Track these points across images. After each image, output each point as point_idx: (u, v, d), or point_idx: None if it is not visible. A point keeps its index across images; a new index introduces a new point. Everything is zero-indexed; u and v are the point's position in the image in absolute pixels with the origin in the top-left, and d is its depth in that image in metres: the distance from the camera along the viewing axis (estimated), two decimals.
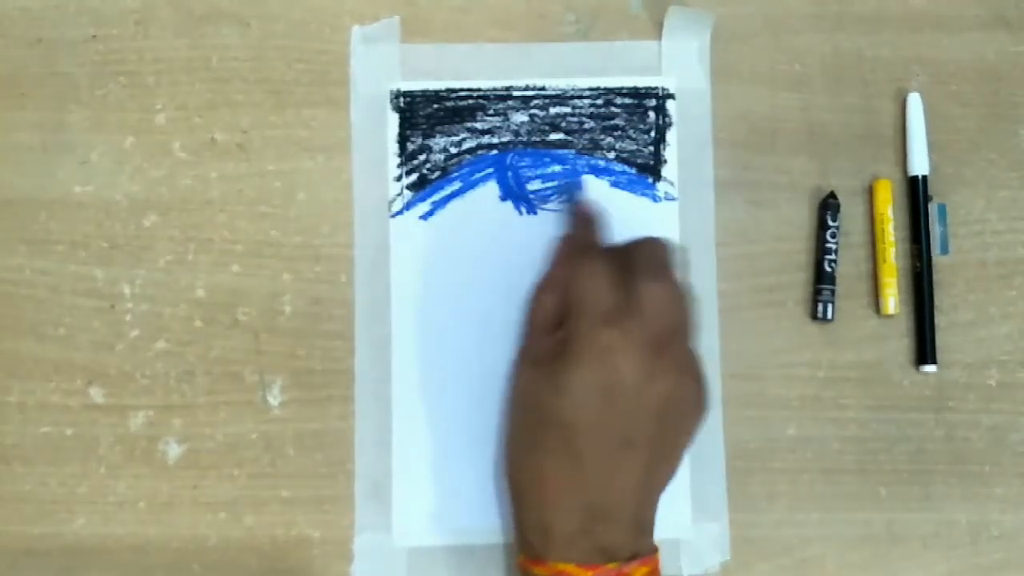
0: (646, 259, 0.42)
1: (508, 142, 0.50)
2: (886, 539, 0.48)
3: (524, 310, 0.46)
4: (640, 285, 0.41)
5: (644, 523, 0.42)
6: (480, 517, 0.47)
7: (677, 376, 0.42)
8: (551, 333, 0.43)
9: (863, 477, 0.49)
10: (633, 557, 0.41)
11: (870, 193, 0.50)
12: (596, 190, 0.49)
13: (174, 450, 0.48)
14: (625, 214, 0.49)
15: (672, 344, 0.42)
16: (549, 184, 0.50)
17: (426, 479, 0.48)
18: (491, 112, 0.50)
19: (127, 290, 0.48)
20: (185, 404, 0.48)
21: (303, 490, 0.48)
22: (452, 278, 0.49)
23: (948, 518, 0.49)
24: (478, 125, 0.50)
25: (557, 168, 0.50)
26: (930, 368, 0.49)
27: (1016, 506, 0.49)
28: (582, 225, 0.46)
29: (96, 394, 0.48)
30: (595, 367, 0.40)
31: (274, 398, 0.48)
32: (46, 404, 0.48)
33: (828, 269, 0.49)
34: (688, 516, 0.48)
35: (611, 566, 0.40)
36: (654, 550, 0.42)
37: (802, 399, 0.49)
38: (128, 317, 0.48)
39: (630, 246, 0.44)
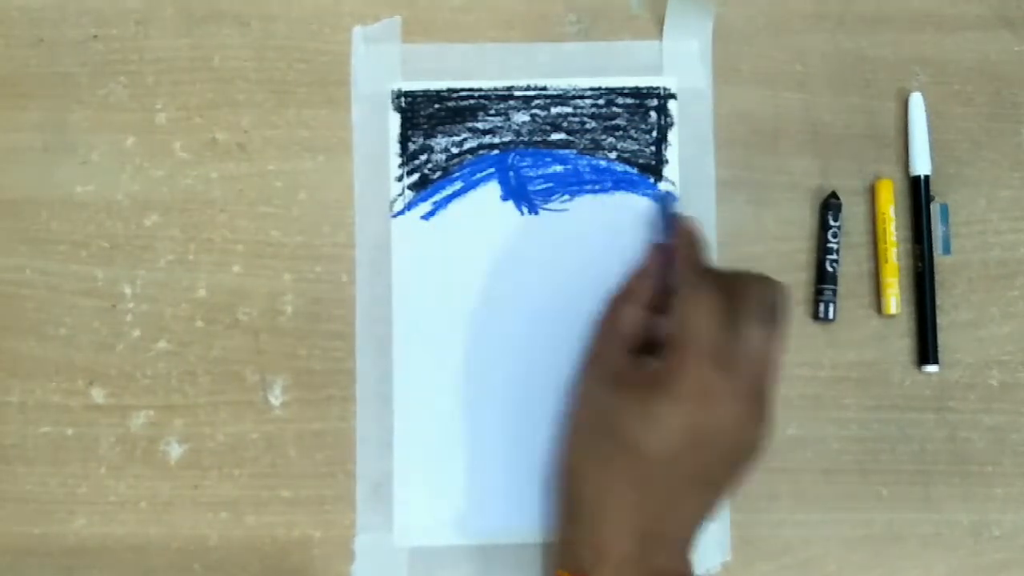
0: (759, 301, 0.41)
1: (509, 142, 0.50)
2: (887, 539, 0.48)
3: (602, 314, 0.45)
4: (752, 331, 0.40)
5: (692, 545, 0.42)
6: (480, 517, 0.47)
7: (759, 426, 0.41)
8: (632, 349, 0.43)
9: (864, 477, 0.49)
10: None
11: (872, 193, 0.50)
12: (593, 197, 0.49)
13: (175, 450, 0.48)
14: (626, 215, 0.49)
15: (765, 395, 0.41)
16: (551, 184, 0.50)
17: (426, 479, 0.48)
18: (492, 112, 0.50)
19: (128, 290, 0.48)
20: (186, 404, 0.48)
21: (304, 490, 0.48)
22: (453, 278, 0.49)
23: (949, 518, 0.49)
24: (479, 125, 0.50)
25: (558, 168, 0.50)
26: (931, 368, 0.49)
27: (1017, 506, 0.49)
28: (686, 243, 0.44)
29: (97, 394, 0.48)
30: (692, 408, 0.40)
31: (275, 398, 0.48)
32: (47, 404, 0.48)
33: (830, 269, 0.49)
34: None
35: None
36: (692, 571, 0.42)
37: (803, 399, 0.49)
38: (129, 317, 0.48)
39: (742, 280, 0.42)
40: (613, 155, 0.50)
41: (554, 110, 0.50)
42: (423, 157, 0.49)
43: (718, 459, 0.41)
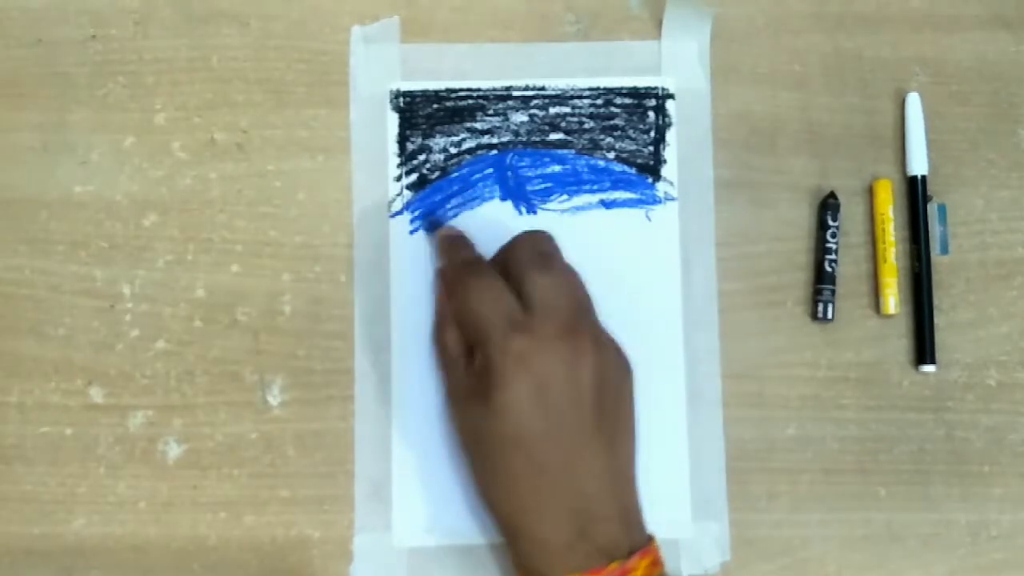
0: (527, 255, 0.43)
1: (508, 142, 0.50)
2: (886, 539, 0.48)
3: (433, 354, 0.47)
4: (529, 283, 0.42)
5: (631, 514, 0.42)
6: (480, 517, 0.47)
7: (596, 351, 0.42)
8: (467, 366, 0.43)
9: (863, 477, 0.49)
10: (631, 552, 0.41)
11: (870, 193, 0.50)
12: (591, 206, 0.50)
13: (174, 450, 0.48)
14: (622, 225, 0.49)
15: (579, 325, 0.42)
16: (549, 184, 0.50)
17: (426, 479, 0.48)
18: (491, 112, 0.50)
19: (127, 290, 0.48)
20: (185, 404, 0.48)
21: (303, 490, 0.48)
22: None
23: (947, 518, 0.49)
24: (478, 125, 0.50)
25: (557, 168, 0.50)
26: (930, 368, 0.49)
27: (1015, 506, 0.49)
28: (452, 249, 0.46)
29: (96, 394, 0.48)
30: (520, 377, 0.40)
31: (274, 398, 0.48)
32: (46, 404, 0.48)
33: (828, 269, 0.49)
34: (688, 516, 0.48)
35: (613, 566, 0.40)
36: (649, 540, 0.42)
37: (802, 399, 0.49)
38: (128, 317, 0.48)
39: (506, 249, 0.44)
40: (611, 155, 0.50)
41: (552, 110, 0.50)
42: (422, 157, 0.49)
43: (578, 406, 0.41)
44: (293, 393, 0.48)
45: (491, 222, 0.49)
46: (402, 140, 0.50)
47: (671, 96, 0.50)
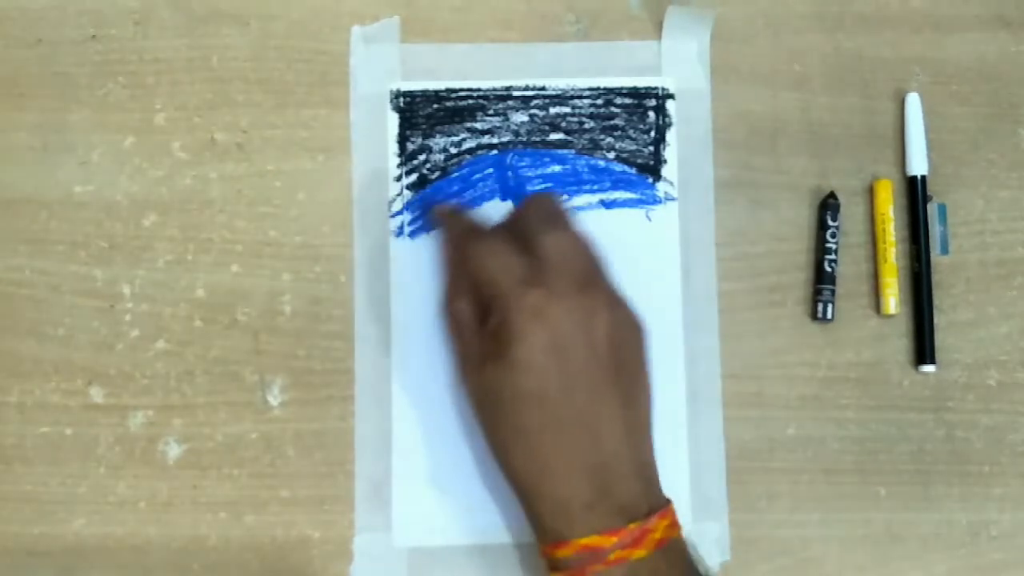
0: (537, 215, 0.43)
1: (508, 142, 0.50)
2: (886, 539, 0.48)
3: (444, 320, 0.46)
4: (541, 240, 0.42)
5: (648, 472, 0.42)
6: (480, 517, 0.47)
7: (610, 308, 0.42)
8: (479, 330, 0.43)
9: (863, 477, 0.49)
10: (650, 513, 0.41)
11: (870, 193, 0.50)
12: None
13: (174, 450, 0.48)
14: (622, 225, 0.49)
15: (593, 282, 0.42)
16: (549, 184, 0.50)
17: (426, 479, 0.48)
18: (491, 112, 0.50)
19: (127, 290, 0.48)
20: (185, 404, 0.48)
21: (303, 490, 0.48)
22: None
23: (948, 518, 0.49)
24: (478, 125, 0.50)
25: (557, 168, 0.50)
26: (930, 368, 0.49)
27: (1015, 506, 0.49)
28: (453, 220, 0.47)
29: (96, 394, 0.48)
30: (536, 331, 0.40)
31: (274, 398, 0.48)
32: (46, 404, 0.48)
33: (828, 269, 0.49)
34: (688, 516, 0.48)
35: (632, 526, 0.40)
36: (667, 501, 0.42)
37: (802, 399, 0.49)
38: (128, 317, 0.48)
39: (517, 211, 0.44)
40: (611, 155, 0.50)
41: (553, 110, 0.50)
42: (422, 157, 0.49)
43: (593, 361, 0.41)
44: (293, 393, 0.48)
45: (491, 222, 0.49)
46: (402, 140, 0.50)
47: (671, 96, 0.50)
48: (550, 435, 0.41)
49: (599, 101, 0.50)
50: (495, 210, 0.49)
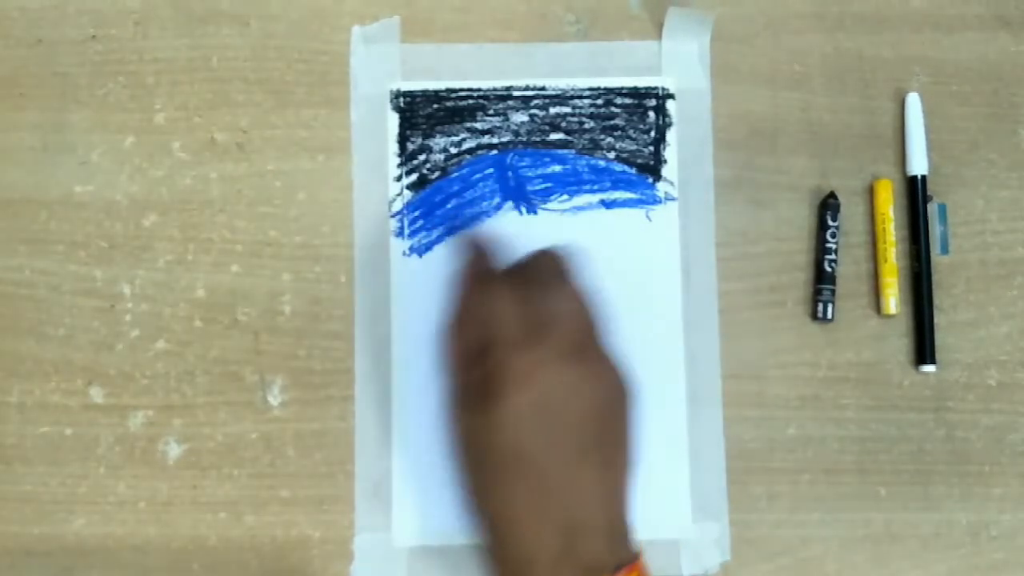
0: (541, 273, 0.43)
1: (508, 142, 0.50)
2: (886, 539, 0.48)
3: (440, 352, 0.46)
4: (541, 300, 0.41)
5: (620, 530, 0.42)
6: None
7: (600, 376, 0.42)
8: (470, 371, 0.43)
9: (863, 477, 0.49)
10: (618, 568, 0.40)
11: (870, 193, 0.50)
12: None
13: (174, 450, 0.48)
14: (622, 225, 0.49)
15: (587, 347, 0.42)
16: (549, 184, 0.50)
17: (426, 479, 0.48)
18: (491, 112, 0.50)
19: (127, 290, 0.48)
20: (185, 404, 0.48)
21: (303, 490, 0.48)
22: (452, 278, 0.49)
23: (948, 518, 0.49)
24: (478, 125, 0.50)
25: (557, 168, 0.50)
26: (930, 368, 0.49)
27: (1015, 506, 0.49)
28: (475, 254, 0.46)
29: (96, 394, 0.48)
30: (523, 391, 0.40)
31: (274, 398, 0.48)
32: (46, 404, 0.48)
33: (828, 269, 0.49)
34: (688, 516, 0.48)
35: None
36: (636, 556, 0.42)
37: (802, 399, 0.49)
38: (128, 317, 0.48)
39: (524, 263, 0.44)
40: (612, 155, 0.50)
41: (553, 110, 0.50)
42: (422, 157, 0.49)
43: (580, 425, 0.41)
44: (293, 393, 0.48)
45: (490, 222, 0.49)
46: (402, 140, 0.50)
47: (671, 96, 0.50)
48: (525, 492, 0.40)
49: (599, 101, 0.50)
50: (494, 211, 0.49)
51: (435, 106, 0.50)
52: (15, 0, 0.50)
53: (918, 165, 0.50)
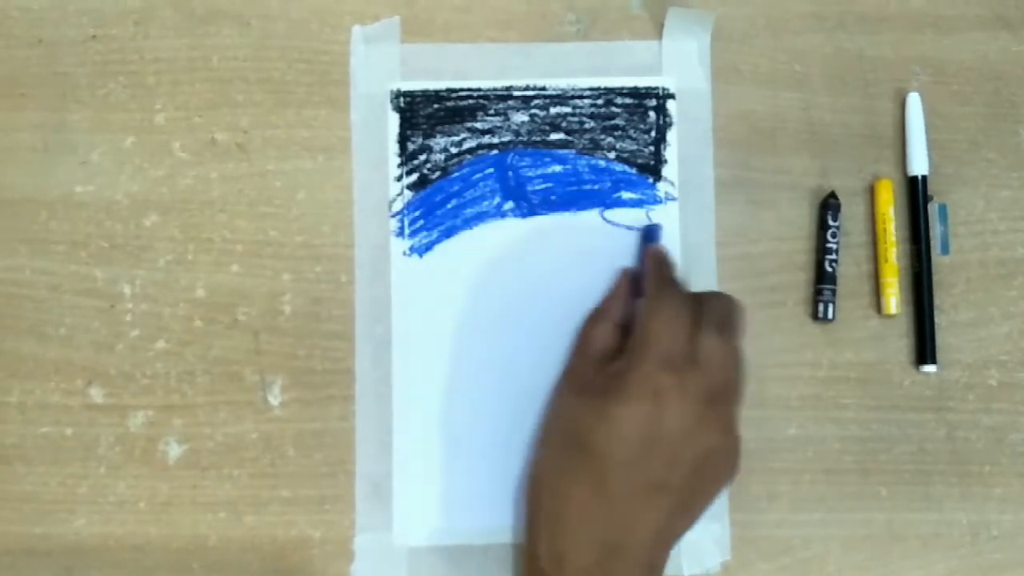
0: (716, 313, 0.43)
1: (508, 142, 0.50)
2: (886, 539, 0.48)
3: (577, 333, 0.46)
4: (706, 338, 0.41)
5: (656, 566, 0.42)
6: (480, 517, 0.47)
7: (720, 434, 0.42)
8: (603, 363, 0.43)
9: (863, 477, 0.49)
10: None
11: (871, 193, 0.50)
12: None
13: (174, 450, 0.48)
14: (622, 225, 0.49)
15: (722, 402, 0.42)
16: (550, 184, 0.50)
17: (426, 479, 0.48)
18: (491, 112, 0.50)
19: (127, 290, 0.48)
20: (185, 404, 0.48)
21: (303, 490, 0.48)
22: (452, 278, 0.49)
23: (948, 518, 0.49)
24: (478, 125, 0.50)
25: (558, 168, 0.50)
26: (930, 368, 0.49)
27: (1016, 506, 0.49)
28: (658, 264, 0.46)
29: (96, 394, 0.48)
30: (645, 407, 0.40)
31: (274, 398, 0.48)
32: (46, 404, 0.48)
33: (829, 269, 0.49)
34: None
35: None
36: None
37: (802, 399, 0.49)
38: (128, 317, 0.48)
39: (702, 296, 0.44)
40: (612, 155, 0.50)
41: (553, 110, 0.50)
42: (422, 157, 0.49)
43: (674, 465, 0.41)
44: (293, 393, 0.48)
45: (491, 222, 0.49)
46: (402, 140, 0.50)
47: (672, 96, 0.50)
48: (589, 494, 0.41)
49: (599, 101, 0.50)
50: (494, 211, 0.49)
51: (435, 106, 0.50)
52: (16, 0, 0.50)
53: (918, 165, 0.50)
